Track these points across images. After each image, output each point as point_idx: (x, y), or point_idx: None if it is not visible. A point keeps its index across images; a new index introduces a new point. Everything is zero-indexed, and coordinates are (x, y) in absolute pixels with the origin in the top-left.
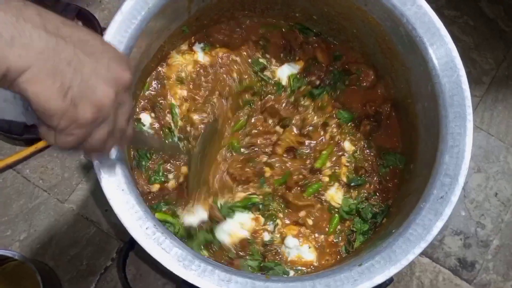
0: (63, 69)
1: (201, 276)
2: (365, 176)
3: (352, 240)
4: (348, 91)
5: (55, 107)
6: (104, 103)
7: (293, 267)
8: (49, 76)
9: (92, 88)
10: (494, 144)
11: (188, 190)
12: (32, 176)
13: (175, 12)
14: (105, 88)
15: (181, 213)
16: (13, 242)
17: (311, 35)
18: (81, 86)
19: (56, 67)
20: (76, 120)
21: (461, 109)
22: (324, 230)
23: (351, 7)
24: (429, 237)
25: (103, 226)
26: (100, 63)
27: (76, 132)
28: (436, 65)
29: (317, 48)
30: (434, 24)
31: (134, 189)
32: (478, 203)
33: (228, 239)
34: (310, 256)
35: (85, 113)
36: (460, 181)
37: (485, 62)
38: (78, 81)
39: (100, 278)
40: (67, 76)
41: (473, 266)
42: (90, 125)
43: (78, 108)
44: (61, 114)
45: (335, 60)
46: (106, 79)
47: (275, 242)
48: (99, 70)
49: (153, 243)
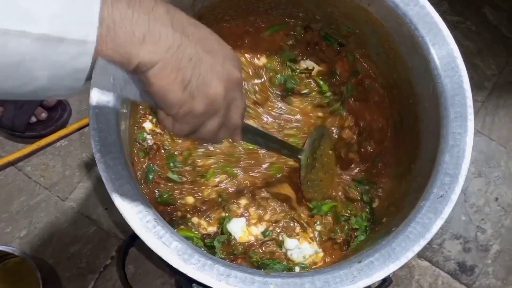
0: (185, 65)
1: (201, 270)
2: None
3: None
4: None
5: (177, 99)
6: (216, 97)
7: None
8: (173, 71)
9: (208, 83)
10: (495, 149)
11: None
12: (34, 174)
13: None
14: (218, 84)
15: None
16: (13, 239)
17: (335, 46)
18: (198, 81)
19: (179, 63)
20: (192, 111)
21: (462, 109)
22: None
23: (355, 7)
24: (428, 235)
25: (103, 225)
26: (215, 60)
27: (191, 121)
28: (438, 65)
29: (338, 60)
30: (436, 24)
31: (135, 183)
32: (478, 208)
33: (240, 235)
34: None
35: (200, 105)
36: (460, 180)
37: (487, 67)
38: (196, 76)
39: (100, 276)
40: (188, 72)
41: (472, 270)
42: (203, 116)
43: (195, 100)
44: (180, 105)
45: (352, 75)
46: (219, 75)
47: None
48: (214, 66)
49: (153, 236)
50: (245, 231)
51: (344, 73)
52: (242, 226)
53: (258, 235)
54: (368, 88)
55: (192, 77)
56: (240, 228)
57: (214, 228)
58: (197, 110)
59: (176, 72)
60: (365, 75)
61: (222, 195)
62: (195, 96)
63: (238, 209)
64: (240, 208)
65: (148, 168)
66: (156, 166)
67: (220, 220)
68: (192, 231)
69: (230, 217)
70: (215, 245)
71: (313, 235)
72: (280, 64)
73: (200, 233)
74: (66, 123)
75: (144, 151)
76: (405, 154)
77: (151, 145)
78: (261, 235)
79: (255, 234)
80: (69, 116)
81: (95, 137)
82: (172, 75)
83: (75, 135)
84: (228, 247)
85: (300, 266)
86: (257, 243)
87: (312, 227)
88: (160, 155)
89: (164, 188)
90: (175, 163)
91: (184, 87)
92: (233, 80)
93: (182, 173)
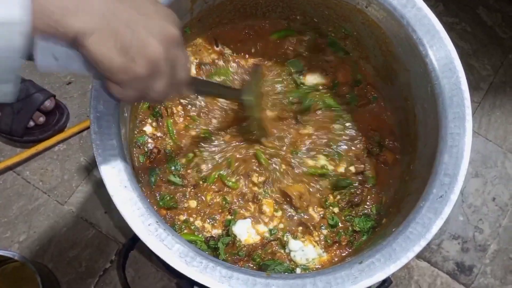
0: (122, 30)
1: (203, 273)
2: None
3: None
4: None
5: (118, 65)
6: (157, 57)
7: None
8: (111, 38)
9: (147, 45)
10: (491, 149)
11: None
12: (32, 178)
13: (178, 13)
14: (157, 44)
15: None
16: (12, 243)
17: (341, 54)
18: (138, 45)
19: (116, 29)
20: (136, 75)
21: (460, 109)
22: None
23: (352, 9)
24: (428, 235)
25: (102, 228)
26: (152, 21)
27: (137, 85)
28: (436, 66)
29: (340, 69)
30: (433, 26)
31: (136, 186)
32: (476, 208)
33: (245, 237)
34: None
35: (142, 68)
36: (459, 180)
37: (483, 68)
38: (135, 40)
39: (99, 280)
40: (126, 37)
41: (471, 270)
42: (148, 78)
43: (137, 64)
44: (123, 70)
45: (355, 85)
46: (157, 35)
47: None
48: (151, 28)
49: (155, 239)
50: (250, 233)
51: (346, 83)
52: (247, 228)
53: (265, 233)
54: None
55: (131, 41)
56: (245, 229)
57: (219, 230)
58: (141, 73)
59: (114, 38)
60: (366, 83)
61: (226, 198)
62: (136, 60)
63: (245, 211)
64: (246, 209)
65: (151, 171)
66: (158, 169)
67: (225, 223)
68: (196, 234)
69: (236, 219)
70: (219, 246)
71: (318, 239)
72: (286, 74)
73: (204, 236)
74: (64, 127)
75: (144, 155)
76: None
77: (151, 149)
78: (267, 233)
79: (261, 232)
80: (67, 120)
81: (96, 141)
82: (111, 42)
83: (73, 139)
84: (233, 249)
85: (302, 268)
86: (261, 243)
87: (318, 231)
88: (161, 158)
89: (165, 191)
90: (177, 166)
91: (124, 52)
92: (171, 38)
93: (184, 176)
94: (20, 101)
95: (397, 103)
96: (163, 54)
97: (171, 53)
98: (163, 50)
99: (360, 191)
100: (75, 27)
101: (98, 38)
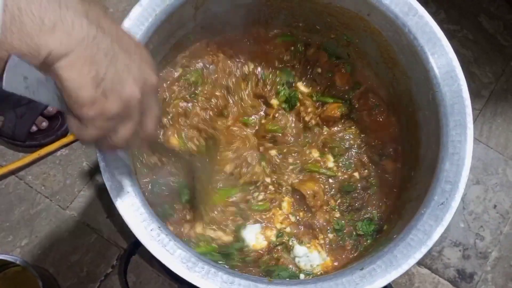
0: (99, 59)
1: (205, 278)
2: None
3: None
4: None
5: (87, 95)
6: (131, 99)
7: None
8: (85, 64)
9: (123, 83)
10: (493, 157)
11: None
12: (34, 183)
13: (181, 20)
14: (134, 86)
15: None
16: (14, 248)
17: (333, 59)
18: (113, 80)
19: (93, 56)
20: (103, 112)
21: (462, 117)
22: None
23: (355, 17)
24: (429, 242)
25: (104, 233)
26: (132, 60)
27: (101, 125)
28: (437, 74)
29: (337, 72)
30: (435, 34)
31: (139, 191)
32: (477, 215)
33: (253, 242)
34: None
35: (113, 106)
36: (460, 187)
37: (484, 75)
38: (111, 73)
39: (100, 284)
40: (102, 67)
41: (472, 278)
42: (115, 119)
43: (108, 100)
44: (91, 103)
45: (354, 89)
46: (135, 77)
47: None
48: (131, 67)
49: (157, 244)
50: (259, 238)
51: (344, 85)
52: (256, 233)
53: (271, 237)
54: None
55: (106, 74)
56: (254, 234)
57: (230, 237)
58: (109, 111)
59: (89, 66)
60: (368, 90)
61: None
62: (108, 95)
63: (256, 215)
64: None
65: (152, 181)
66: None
67: (236, 228)
68: (210, 245)
69: (245, 224)
70: (231, 251)
71: (323, 242)
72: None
73: (217, 244)
74: (66, 132)
75: (147, 167)
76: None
77: (154, 162)
78: (274, 237)
79: (268, 236)
80: None
81: None
82: (85, 68)
83: (75, 144)
84: (241, 254)
85: (305, 273)
86: (267, 248)
87: (324, 234)
88: (166, 170)
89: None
90: None
91: (97, 83)
92: (150, 85)
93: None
94: (23, 105)
95: (398, 110)
96: (139, 97)
97: (145, 100)
98: (139, 94)
99: (361, 196)
100: (49, 46)
101: (71, 61)
